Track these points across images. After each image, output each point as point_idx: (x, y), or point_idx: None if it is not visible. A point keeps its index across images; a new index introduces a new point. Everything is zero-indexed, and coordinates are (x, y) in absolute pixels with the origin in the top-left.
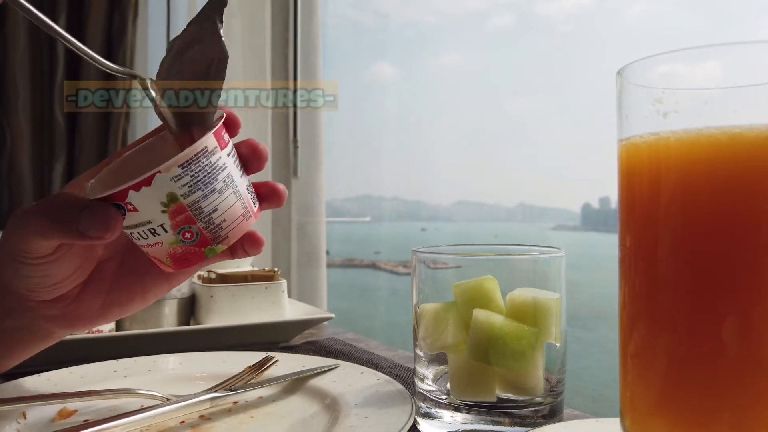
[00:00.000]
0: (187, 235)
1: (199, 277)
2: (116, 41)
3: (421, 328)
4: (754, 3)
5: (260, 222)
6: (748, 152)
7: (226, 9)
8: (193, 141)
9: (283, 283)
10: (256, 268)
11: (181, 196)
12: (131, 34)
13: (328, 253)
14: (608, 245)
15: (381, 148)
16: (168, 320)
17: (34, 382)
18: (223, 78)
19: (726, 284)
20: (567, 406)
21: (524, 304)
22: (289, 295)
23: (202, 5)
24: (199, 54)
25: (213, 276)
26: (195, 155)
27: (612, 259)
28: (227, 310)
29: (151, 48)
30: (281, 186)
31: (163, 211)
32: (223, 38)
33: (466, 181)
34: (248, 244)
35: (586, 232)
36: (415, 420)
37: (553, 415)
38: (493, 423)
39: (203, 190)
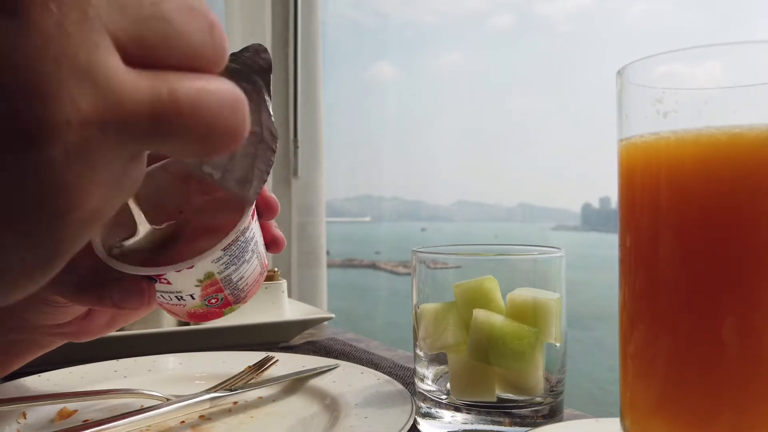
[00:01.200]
0: (213, 300)
1: None
2: None
3: (421, 328)
4: (755, 3)
5: None
6: (748, 152)
7: (226, 10)
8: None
9: (283, 283)
10: None
11: (217, 273)
12: None
13: (328, 253)
14: (608, 245)
15: (381, 148)
16: (168, 320)
17: (34, 382)
18: (271, 161)
19: (726, 284)
20: (567, 406)
21: (524, 304)
22: (289, 296)
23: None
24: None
25: None
26: (236, 237)
27: (612, 259)
28: None
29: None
30: (281, 235)
31: (197, 286)
32: (272, 115)
33: (466, 181)
34: (270, 245)
35: (586, 232)
36: (415, 420)
37: (553, 415)
38: (493, 423)
39: (236, 264)
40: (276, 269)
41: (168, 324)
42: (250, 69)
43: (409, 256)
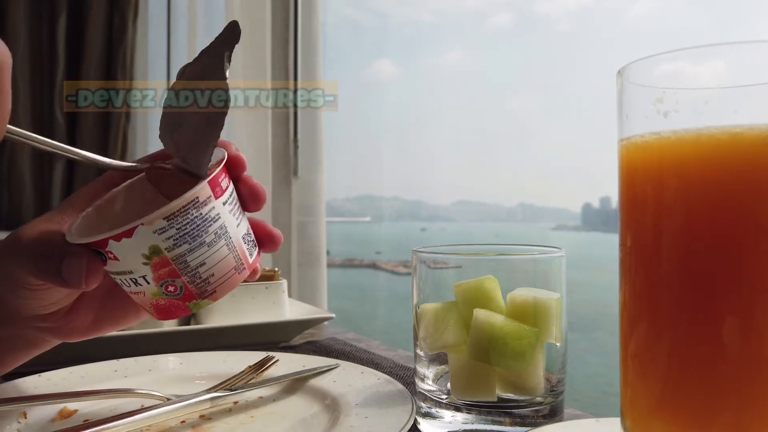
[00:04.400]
0: (171, 288)
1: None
2: (116, 41)
3: (422, 328)
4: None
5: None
6: (749, 152)
7: (226, 11)
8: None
9: (284, 283)
10: None
11: (165, 249)
12: (131, 34)
13: (328, 253)
14: (609, 245)
15: (381, 148)
16: (168, 320)
17: (34, 382)
18: (221, 126)
19: (727, 284)
20: (567, 406)
21: (525, 304)
22: (289, 295)
23: (201, 7)
24: (203, 92)
25: None
26: (183, 207)
27: (612, 259)
28: (227, 310)
29: (151, 48)
30: (277, 232)
31: (145, 263)
32: (228, 80)
33: (466, 181)
34: (267, 242)
35: (586, 232)
36: (415, 420)
37: (553, 414)
38: (494, 423)
39: (190, 244)
40: (276, 269)
41: (168, 324)
42: (223, 43)
43: (409, 256)
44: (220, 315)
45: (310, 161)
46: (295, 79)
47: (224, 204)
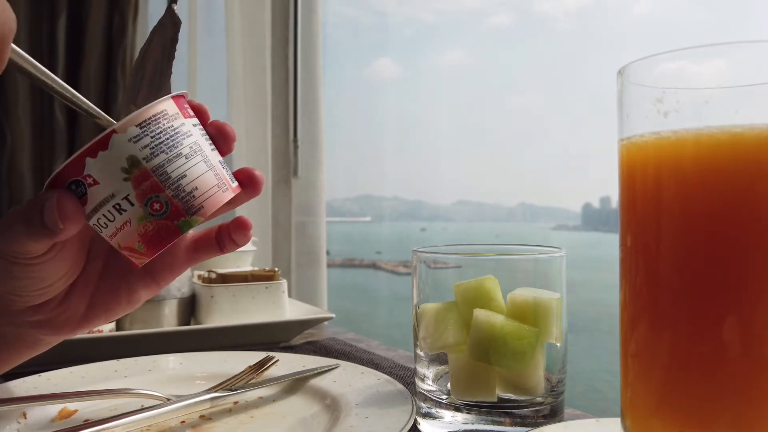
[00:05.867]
0: (156, 206)
1: (199, 277)
2: (116, 41)
3: (422, 328)
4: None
5: (260, 222)
6: (749, 152)
7: (226, 11)
8: None
9: (284, 283)
10: (256, 268)
11: (143, 159)
12: (131, 34)
13: (328, 253)
14: (609, 245)
15: (381, 147)
16: (168, 320)
17: (34, 382)
18: (175, 41)
19: (727, 284)
20: (567, 406)
21: (525, 304)
22: (289, 295)
23: (201, 7)
24: (157, 42)
25: (213, 276)
26: (153, 115)
27: (613, 259)
28: (227, 310)
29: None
30: (258, 172)
31: (126, 179)
32: (177, 11)
33: (466, 181)
34: (235, 230)
35: (586, 231)
36: (415, 420)
37: (553, 415)
38: (494, 423)
39: (167, 153)
40: (276, 269)
41: (168, 324)
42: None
43: (409, 256)
44: (220, 315)
45: (310, 161)
46: (295, 78)
47: (194, 126)
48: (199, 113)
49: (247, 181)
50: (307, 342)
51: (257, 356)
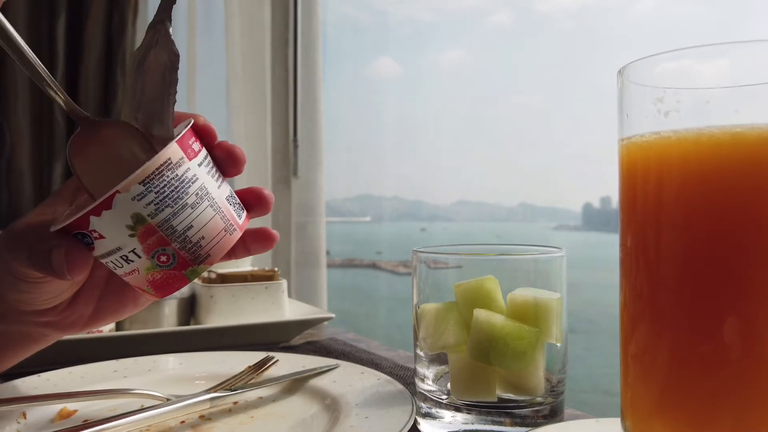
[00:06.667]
0: (163, 258)
1: (199, 277)
2: (116, 41)
3: (422, 328)
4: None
5: (260, 222)
6: (749, 152)
7: (226, 10)
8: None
9: (283, 283)
10: (256, 268)
11: (148, 216)
12: (131, 34)
13: (328, 253)
14: (609, 245)
15: (381, 147)
16: (168, 320)
17: (34, 382)
18: (175, 81)
19: (727, 284)
20: (567, 406)
21: (525, 304)
22: (289, 295)
23: (201, 7)
24: (155, 61)
25: (213, 276)
26: (157, 169)
27: (613, 259)
28: (227, 310)
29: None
30: (267, 191)
31: (131, 235)
32: (172, 37)
33: (466, 181)
34: (256, 240)
35: (586, 232)
36: (415, 420)
37: (553, 415)
38: (494, 423)
39: (173, 207)
40: (276, 269)
41: (168, 324)
42: (160, 11)
43: (409, 256)
44: (219, 315)
45: (310, 161)
46: (295, 78)
47: (199, 166)
48: (206, 135)
49: (255, 202)
50: (307, 342)
51: (257, 356)
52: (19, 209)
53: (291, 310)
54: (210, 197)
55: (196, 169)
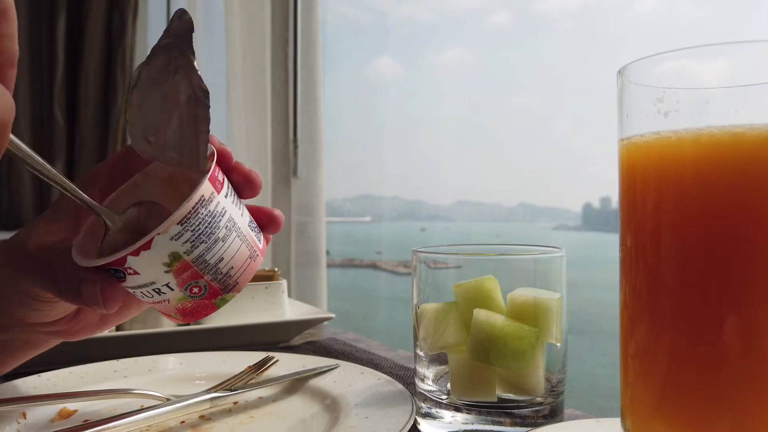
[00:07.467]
0: (195, 290)
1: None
2: (116, 41)
3: (422, 328)
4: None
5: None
6: (749, 152)
7: (226, 11)
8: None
9: (283, 283)
10: None
11: (184, 253)
12: (131, 34)
13: (328, 253)
14: (609, 245)
15: (381, 147)
16: (168, 320)
17: (34, 382)
18: (207, 119)
19: (727, 284)
20: (567, 406)
21: (525, 304)
22: (289, 295)
23: (201, 7)
24: (175, 91)
25: None
26: (193, 208)
27: (613, 259)
28: (227, 310)
29: (151, 48)
30: (277, 212)
31: (167, 271)
32: (199, 71)
33: (466, 181)
34: (267, 224)
35: (586, 232)
36: (415, 420)
37: (553, 415)
38: (494, 423)
39: (206, 242)
40: (276, 269)
41: (168, 324)
42: (177, 37)
43: (409, 256)
44: (220, 315)
45: (310, 161)
46: (295, 78)
47: (226, 197)
48: (223, 158)
49: (267, 222)
50: (307, 342)
51: (257, 356)
52: (19, 209)
53: (291, 310)
54: (237, 227)
55: (224, 202)
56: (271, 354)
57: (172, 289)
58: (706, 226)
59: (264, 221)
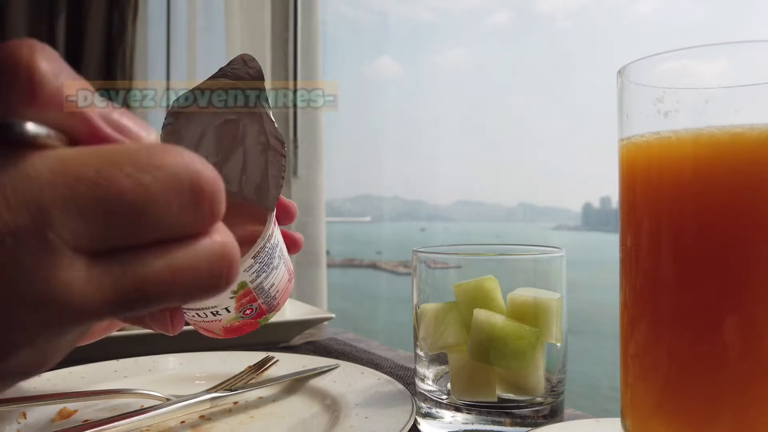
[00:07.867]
0: (248, 312)
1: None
2: (116, 41)
3: (422, 328)
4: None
5: None
6: (749, 152)
7: (226, 10)
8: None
9: None
10: None
11: (250, 282)
12: (131, 34)
13: (328, 253)
14: (609, 245)
15: (381, 147)
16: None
17: (34, 382)
18: (284, 168)
19: (727, 284)
20: (567, 406)
21: (525, 304)
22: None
23: (201, 7)
24: (246, 134)
25: None
26: (264, 242)
27: (613, 259)
28: None
29: (151, 49)
30: (299, 236)
31: (231, 297)
32: (274, 121)
33: (466, 181)
34: (291, 247)
35: (586, 232)
36: (415, 420)
37: (553, 415)
38: (494, 423)
39: (267, 271)
40: None
41: None
42: (242, 81)
43: (409, 256)
44: None
45: (310, 161)
46: (295, 78)
47: (275, 226)
48: (288, 215)
49: (291, 245)
50: (307, 342)
51: (257, 356)
52: None
53: (291, 309)
54: (283, 255)
55: (277, 233)
56: (271, 354)
57: (228, 312)
58: (706, 226)
59: (289, 245)
